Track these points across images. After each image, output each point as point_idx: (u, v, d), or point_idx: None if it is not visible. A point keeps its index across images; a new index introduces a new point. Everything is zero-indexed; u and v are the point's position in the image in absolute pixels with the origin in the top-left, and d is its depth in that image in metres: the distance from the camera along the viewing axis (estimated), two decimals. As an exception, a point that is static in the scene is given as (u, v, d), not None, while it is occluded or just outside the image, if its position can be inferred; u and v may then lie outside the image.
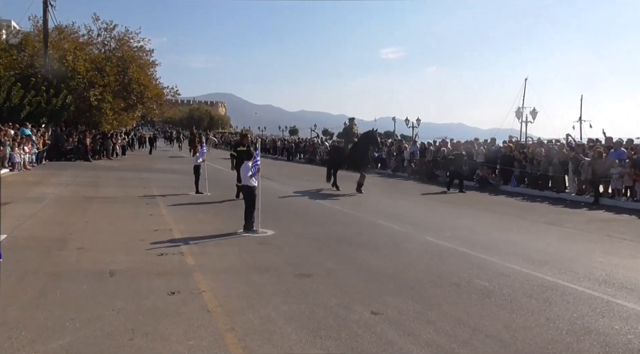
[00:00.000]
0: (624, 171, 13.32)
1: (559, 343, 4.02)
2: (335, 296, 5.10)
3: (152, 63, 33.22)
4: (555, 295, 5.28)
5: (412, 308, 4.80)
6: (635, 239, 8.67)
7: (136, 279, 5.51)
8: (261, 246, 7.43)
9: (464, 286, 5.57)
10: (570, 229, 9.82)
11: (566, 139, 19.99)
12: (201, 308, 4.67)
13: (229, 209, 10.53)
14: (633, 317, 4.63)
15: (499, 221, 10.69)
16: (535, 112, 41.71)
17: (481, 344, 3.99)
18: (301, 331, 4.17)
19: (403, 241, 8.13)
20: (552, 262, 6.72)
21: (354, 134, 16.38)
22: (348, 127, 16.88)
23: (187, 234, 8.08)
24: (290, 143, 39.13)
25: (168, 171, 21.13)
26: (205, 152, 14.54)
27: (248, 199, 8.43)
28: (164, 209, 10.71)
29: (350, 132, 16.52)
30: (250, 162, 8.68)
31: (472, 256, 7.09)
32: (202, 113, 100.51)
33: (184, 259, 6.54)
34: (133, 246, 7.16)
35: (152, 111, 35.28)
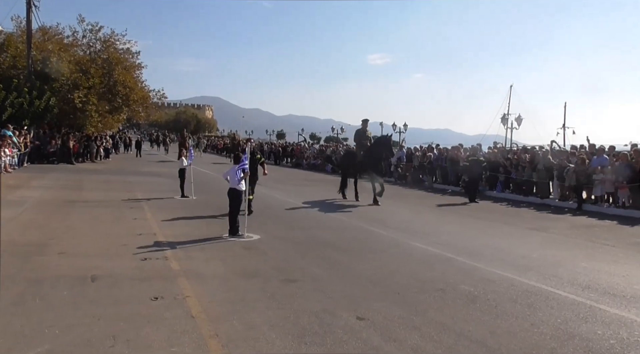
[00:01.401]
0: (607, 177, 13.54)
1: (543, 348, 4.04)
2: (320, 302, 5.07)
3: (138, 65, 32.98)
4: (539, 300, 5.32)
5: (397, 313, 4.79)
6: (617, 245, 8.79)
7: (118, 285, 5.41)
8: (246, 251, 7.37)
9: (449, 292, 5.57)
10: (554, 234, 9.92)
11: (550, 145, 20.28)
12: (185, 314, 4.60)
13: (215, 213, 10.43)
14: (615, 322, 4.68)
15: (484, 227, 10.76)
16: (521, 119, 42.23)
17: (466, 350, 3.99)
18: (286, 337, 4.13)
19: (389, 247, 8.13)
20: (537, 268, 6.77)
21: (367, 138, 14.99)
22: (361, 129, 15.22)
23: (171, 238, 7.98)
24: (278, 147, 39.05)
25: (153, 175, 20.91)
26: (193, 156, 14.41)
27: (233, 203, 8.37)
28: (148, 213, 10.57)
29: (364, 136, 15.03)
30: (238, 165, 8.62)
31: (457, 261, 7.12)
32: (188, 116, 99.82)
33: (168, 264, 6.45)
34: (116, 250, 7.04)
35: (138, 113, 34.96)
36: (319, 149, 33.88)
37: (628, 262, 7.37)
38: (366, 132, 15.07)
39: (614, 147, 15.94)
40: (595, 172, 13.83)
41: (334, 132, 67.04)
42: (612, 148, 15.71)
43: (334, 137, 66.09)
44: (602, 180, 13.60)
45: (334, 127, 69.13)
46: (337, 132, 66.52)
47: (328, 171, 27.29)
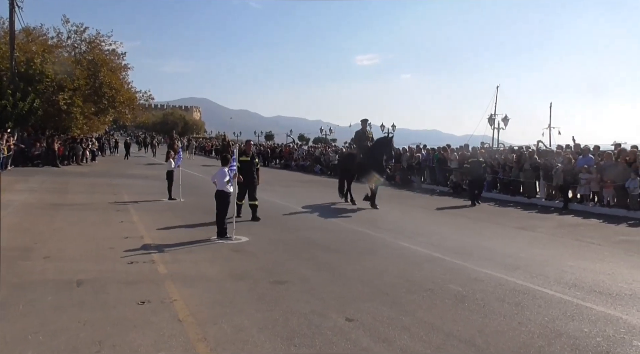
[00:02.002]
0: (592, 176, 13.72)
1: (531, 347, 4.07)
2: (309, 303, 5.05)
3: (124, 67, 32.66)
4: (527, 299, 5.36)
5: (386, 314, 4.79)
6: (603, 243, 8.91)
7: (105, 289, 5.33)
8: (235, 253, 7.32)
9: (438, 292, 5.59)
10: (541, 233, 10.02)
11: (537, 145, 20.52)
12: (172, 318, 4.55)
13: (203, 216, 10.34)
14: (601, 320, 4.73)
15: (473, 226, 10.84)
16: (507, 119, 42.64)
17: (455, 350, 4.00)
18: (275, 340, 4.11)
19: (378, 247, 8.13)
20: (524, 267, 6.83)
21: (367, 138, 14.36)
22: (361, 130, 14.62)
23: (158, 241, 7.90)
24: (266, 148, 38.93)
25: (140, 177, 20.70)
26: (182, 159, 14.30)
27: (221, 205, 8.31)
28: (135, 216, 10.45)
29: (364, 136, 14.39)
30: (227, 167, 8.57)
31: (446, 261, 7.15)
32: (176, 118, 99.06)
33: (155, 267, 6.37)
34: (102, 254, 6.95)
35: (124, 115, 34.61)
36: (308, 150, 33.88)
37: (613, 261, 7.46)
38: (366, 133, 14.49)
39: (599, 147, 16.18)
40: (581, 171, 14.01)
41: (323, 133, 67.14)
42: (597, 148, 15.94)
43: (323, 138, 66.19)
44: (587, 179, 13.78)
45: (322, 128, 69.24)
46: (325, 133, 66.63)
47: (317, 172, 27.29)
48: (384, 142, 13.92)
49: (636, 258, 7.69)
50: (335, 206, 13.36)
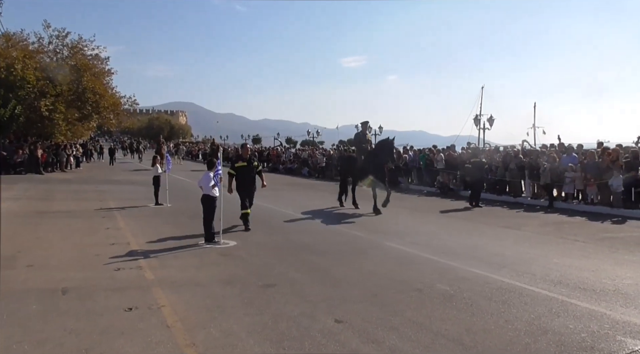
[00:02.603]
0: (576, 175, 13.93)
1: (518, 344, 4.11)
2: (298, 306, 5.04)
3: (108, 71, 32.29)
4: (513, 297, 5.41)
5: (375, 314, 4.80)
6: (587, 241, 9.04)
7: (91, 297, 5.27)
8: (223, 257, 7.29)
9: (426, 291, 5.63)
10: (527, 232, 10.14)
11: (522, 145, 20.77)
12: (160, 324, 4.51)
13: (190, 221, 10.27)
14: (586, 316, 4.80)
15: (459, 226, 10.92)
16: (492, 119, 43.12)
17: (443, 349, 4.03)
18: (264, 343, 4.09)
19: (366, 248, 8.16)
20: (510, 265, 6.90)
21: (367, 141, 14.02)
22: (360, 132, 14.24)
23: (145, 247, 7.83)
24: (254, 152, 38.82)
25: (126, 183, 20.50)
26: (171, 164, 14.20)
27: (207, 210, 8.27)
28: (121, 222, 10.35)
29: (364, 139, 13.98)
30: (212, 172, 8.53)
31: (433, 261, 7.20)
32: (161, 123, 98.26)
33: (142, 273, 6.32)
34: (88, 261, 6.86)
35: (109, 120, 34.21)
36: (296, 153, 33.86)
37: (597, 258, 7.58)
38: (366, 136, 14.08)
39: (582, 146, 16.44)
40: (566, 170, 14.22)
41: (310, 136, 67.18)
42: (581, 147, 16.20)
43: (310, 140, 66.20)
44: (572, 178, 13.99)
45: (309, 130, 69.27)
46: (313, 135, 66.68)
47: (305, 175, 27.28)
48: (385, 145, 13.20)
49: (619, 255, 7.82)
50: (324, 208, 13.36)
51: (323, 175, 26.61)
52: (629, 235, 9.71)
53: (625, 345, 4.08)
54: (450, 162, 19.17)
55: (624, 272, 6.61)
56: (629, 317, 4.77)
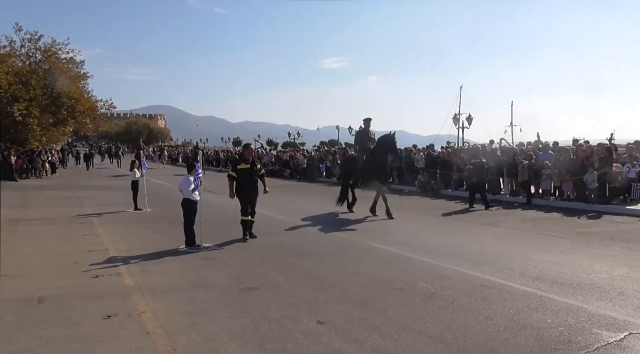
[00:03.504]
0: (553, 172, 14.23)
1: (497, 340, 4.17)
2: (281, 308, 5.03)
3: (84, 75, 31.71)
4: (493, 293, 5.49)
5: (358, 314, 4.82)
6: (564, 236, 9.23)
7: (68, 305, 5.16)
8: (204, 262, 7.22)
9: (408, 290, 5.67)
10: (506, 229, 10.30)
11: (500, 143, 21.12)
12: (140, 330, 4.44)
13: (170, 226, 10.15)
14: (563, 310, 4.90)
15: (440, 224, 11.05)
16: (471, 118, 43.64)
17: (425, 347, 4.06)
18: (246, 347, 4.07)
19: (349, 249, 8.18)
20: (490, 262, 7.00)
21: (370, 139, 12.85)
22: (363, 130, 13.07)
23: (125, 253, 7.70)
24: (234, 154, 38.55)
25: (104, 188, 20.15)
26: (146, 167, 14.00)
27: (188, 214, 8.19)
28: (99, 228, 10.16)
29: (366, 137, 12.88)
30: (192, 175, 8.45)
31: (415, 260, 7.25)
32: (140, 126, 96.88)
33: (122, 279, 6.21)
34: (65, 269, 6.72)
35: (85, 125, 33.57)
36: (277, 154, 33.77)
37: (574, 253, 7.74)
38: (369, 134, 12.89)
39: (558, 143, 16.81)
40: (543, 167, 14.51)
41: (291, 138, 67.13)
42: (556, 144, 16.56)
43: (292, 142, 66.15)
44: (549, 175, 14.29)
45: (290, 132, 69.21)
46: (294, 137, 66.64)
47: (286, 177, 27.23)
48: (387, 142, 12.18)
49: (595, 249, 8.00)
50: (306, 210, 13.34)
51: (305, 176, 26.61)
52: (603, 230, 9.94)
53: (600, 338, 4.18)
54: (430, 161, 19.37)
55: (599, 266, 6.77)
56: (604, 310, 4.89)
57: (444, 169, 18.55)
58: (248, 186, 8.80)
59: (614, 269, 6.59)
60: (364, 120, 13.09)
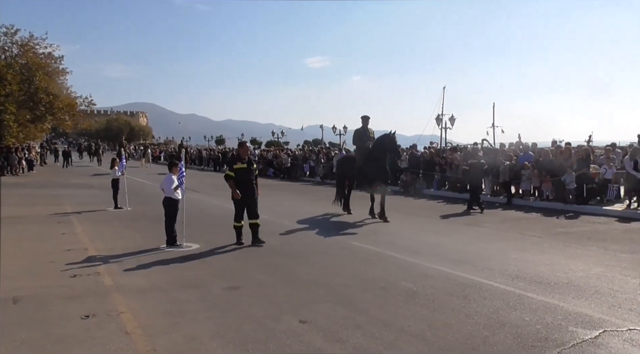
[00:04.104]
0: (532, 172, 14.47)
1: (477, 337, 4.23)
2: (263, 308, 5.01)
3: (62, 71, 31.07)
4: (473, 292, 5.56)
5: (340, 314, 4.83)
6: (543, 236, 9.39)
7: (44, 305, 5.05)
8: (186, 261, 7.14)
9: (390, 289, 5.70)
10: (487, 228, 10.44)
11: (482, 144, 21.40)
12: (119, 331, 4.37)
13: (151, 224, 10.02)
14: (541, 308, 4.99)
15: (423, 224, 11.14)
16: (454, 119, 44.10)
17: (406, 345, 4.09)
18: (227, 346, 4.04)
19: (331, 248, 8.19)
20: (471, 261, 7.08)
21: (369, 138, 12.28)
22: (360, 129, 12.44)
23: (104, 252, 7.58)
24: (217, 153, 38.27)
25: (84, 187, 19.80)
26: (125, 165, 13.80)
27: (169, 212, 8.10)
28: (78, 227, 9.98)
29: (364, 137, 12.28)
30: (175, 174, 8.35)
31: (398, 259, 7.30)
32: (121, 124, 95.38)
33: (101, 279, 6.11)
34: (41, 268, 6.58)
35: (64, 122, 32.88)
36: (260, 153, 33.63)
37: (552, 252, 7.89)
38: (367, 132, 12.32)
39: (537, 144, 17.12)
40: (523, 168, 14.76)
41: (275, 137, 66.96)
42: (535, 145, 16.86)
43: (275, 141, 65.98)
44: (528, 175, 14.53)
45: (274, 131, 69.02)
46: (278, 136, 66.48)
47: (270, 176, 27.14)
48: (386, 141, 11.67)
49: (572, 249, 8.16)
50: (289, 210, 13.30)
51: (288, 176, 26.56)
52: (581, 229, 10.15)
53: (576, 335, 4.26)
54: (413, 161, 19.52)
55: (576, 265, 6.91)
56: (580, 308, 4.99)
57: (427, 169, 18.72)
58: (245, 187, 8.26)
59: (590, 268, 6.74)
60: (362, 118, 12.53)
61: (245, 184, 8.28)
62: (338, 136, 44.33)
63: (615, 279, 6.11)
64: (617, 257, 7.41)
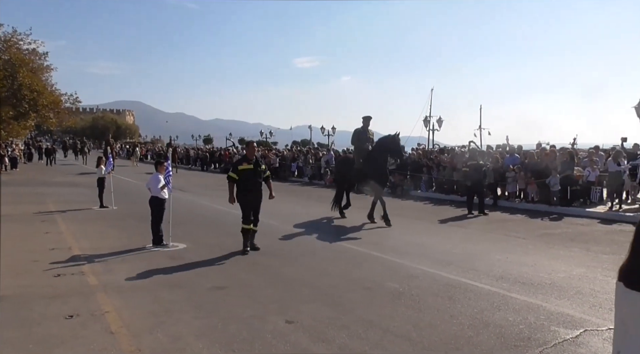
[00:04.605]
0: (518, 174, 14.65)
1: (461, 338, 4.28)
2: (249, 308, 5.00)
3: (47, 67, 30.61)
4: (458, 293, 5.62)
5: (326, 314, 4.85)
6: (527, 237, 9.51)
7: (27, 305, 4.99)
8: (172, 261, 7.10)
9: (376, 290, 5.73)
10: (473, 230, 10.55)
11: (469, 145, 21.60)
12: (103, 330, 4.34)
13: (137, 224, 9.94)
14: (524, 309, 5.06)
15: (410, 225, 11.20)
16: (441, 121, 44.41)
17: (391, 345, 4.12)
18: (213, 346, 4.03)
19: (318, 248, 8.21)
20: (457, 262, 7.15)
21: (368, 139, 11.85)
22: (360, 129, 11.88)
23: (89, 251, 7.50)
24: (205, 152, 38.04)
25: (68, 185, 19.55)
26: (112, 164, 13.66)
27: (156, 212, 8.04)
28: (62, 226, 9.86)
29: (364, 137, 11.80)
30: (162, 174, 8.30)
31: (384, 259, 7.34)
32: (107, 122, 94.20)
33: (85, 279, 6.05)
34: (24, 268, 6.49)
35: (48, 119, 32.41)
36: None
37: (536, 253, 8.00)
38: (367, 133, 11.86)
39: (522, 147, 17.34)
40: (509, 170, 14.93)
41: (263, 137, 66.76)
42: (521, 148, 17.08)
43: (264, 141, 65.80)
44: (514, 177, 14.71)
45: (263, 131, 68.82)
46: (266, 136, 66.29)
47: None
48: (388, 143, 11.38)
49: (555, 250, 8.28)
50: (277, 210, 13.27)
51: (277, 176, 26.51)
52: (564, 231, 10.30)
53: (558, 334, 4.34)
54: (400, 162, 19.58)
55: (558, 266, 7.02)
56: (562, 308, 5.08)
57: (415, 171, 18.83)
58: (251, 189, 7.71)
59: (573, 269, 6.85)
60: (363, 118, 11.97)
61: (251, 187, 7.73)
62: (326, 136, 44.36)
63: (596, 280, 6.22)
64: (598, 258, 7.54)
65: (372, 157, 11.42)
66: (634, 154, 14.29)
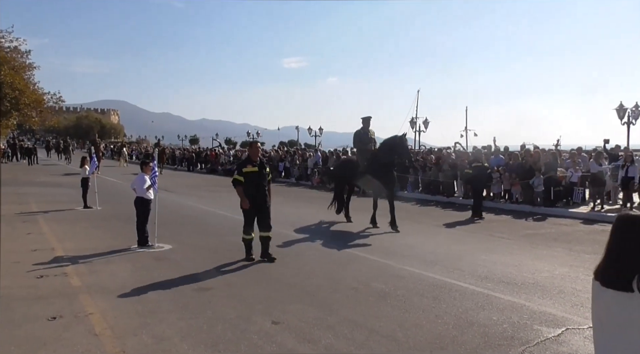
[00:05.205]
0: (503, 175, 14.83)
1: (446, 337, 4.32)
2: (235, 309, 4.99)
3: (29, 66, 30.16)
4: (443, 293, 5.67)
5: (312, 314, 4.85)
6: (512, 238, 9.64)
7: (9, 306, 4.91)
8: (157, 262, 7.05)
9: (362, 290, 5.76)
10: (458, 230, 10.65)
11: (454, 147, 21.81)
12: (87, 332, 4.29)
13: (122, 225, 9.83)
14: (508, 308, 5.13)
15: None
16: (428, 122, 44.70)
17: (377, 345, 4.15)
18: (198, 347, 4.02)
19: (304, 249, 8.21)
20: (442, 262, 7.21)
21: (370, 140, 11.44)
22: (361, 130, 11.42)
23: (72, 252, 7.41)
24: (191, 153, 37.77)
25: (51, 185, 19.24)
26: (97, 165, 13.50)
27: (141, 212, 7.97)
28: (45, 227, 9.71)
29: (365, 138, 11.37)
30: (147, 174, 8.23)
31: (370, 260, 7.38)
32: (91, 121, 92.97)
33: (68, 280, 5.98)
34: (5, 269, 6.37)
35: (31, 118, 31.93)
36: (235, 154, 33.33)
37: (520, 253, 8.10)
38: (368, 134, 11.42)
39: (508, 148, 17.56)
40: (493, 171, 15.09)
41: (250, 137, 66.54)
42: (507, 149, 17.29)
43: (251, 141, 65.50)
44: (498, 178, 14.88)
45: (250, 131, 68.58)
46: (253, 136, 66.07)
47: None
48: (396, 143, 10.91)
49: (539, 250, 8.40)
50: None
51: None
52: (548, 231, 10.46)
53: (541, 333, 4.41)
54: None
55: (542, 266, 7.13)
56: (545, 307, 5.16)
57: (402, 172, 18.92)
58: (256, 193, 7.22)
59: (556, 268, 6.96)
60: (362, 119, 11.48)
61: (256, 191, 7.23)
62: (314, 137, 44.39)
63: (578, 279, 6.33)
64: (581, 258, 7.67)
65: (377, 158, 10.90)
66: (615, 156, 14.58)
